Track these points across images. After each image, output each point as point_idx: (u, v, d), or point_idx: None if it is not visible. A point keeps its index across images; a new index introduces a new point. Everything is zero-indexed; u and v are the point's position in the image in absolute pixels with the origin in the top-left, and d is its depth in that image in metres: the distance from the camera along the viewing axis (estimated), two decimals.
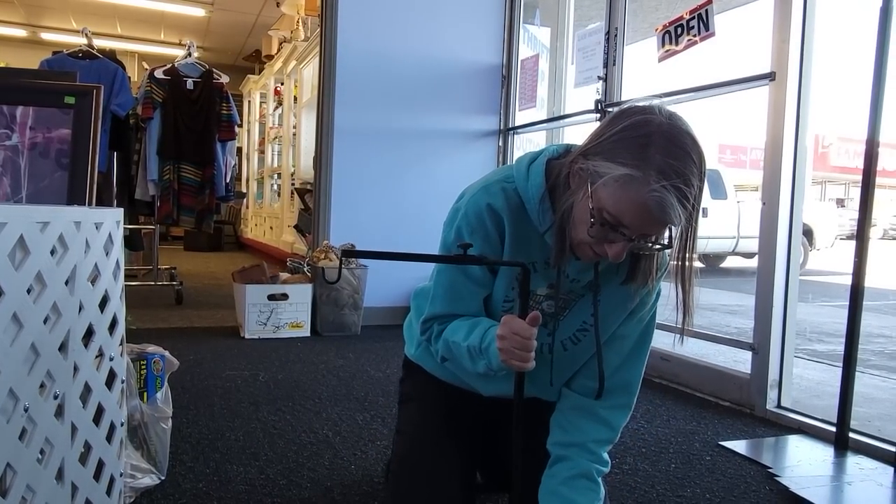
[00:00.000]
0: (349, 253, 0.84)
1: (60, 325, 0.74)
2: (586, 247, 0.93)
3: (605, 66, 2.77)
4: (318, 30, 3.55)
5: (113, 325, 0.90)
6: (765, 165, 2.08)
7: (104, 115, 3.36)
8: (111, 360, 0.90)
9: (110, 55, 3.64)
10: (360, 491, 1.42)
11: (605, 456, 1.08)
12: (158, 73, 3.65)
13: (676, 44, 2.40)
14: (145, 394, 1.40)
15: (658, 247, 0.93)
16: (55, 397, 0.75)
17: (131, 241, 4.15)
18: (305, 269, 3.26)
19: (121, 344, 0.94)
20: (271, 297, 2.98)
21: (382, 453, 1.63)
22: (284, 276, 3.17)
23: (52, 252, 0.72)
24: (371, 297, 3.24)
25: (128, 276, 4.25)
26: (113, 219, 0.87)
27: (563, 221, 0.94)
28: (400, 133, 3.42)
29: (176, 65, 3.72)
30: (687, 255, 0.91)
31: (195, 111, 3.66)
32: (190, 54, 3.76)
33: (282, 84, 6.53)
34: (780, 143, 2.02)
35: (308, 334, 3.04)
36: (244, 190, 8.17)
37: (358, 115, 3.34)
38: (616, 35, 2.75)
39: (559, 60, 3.53)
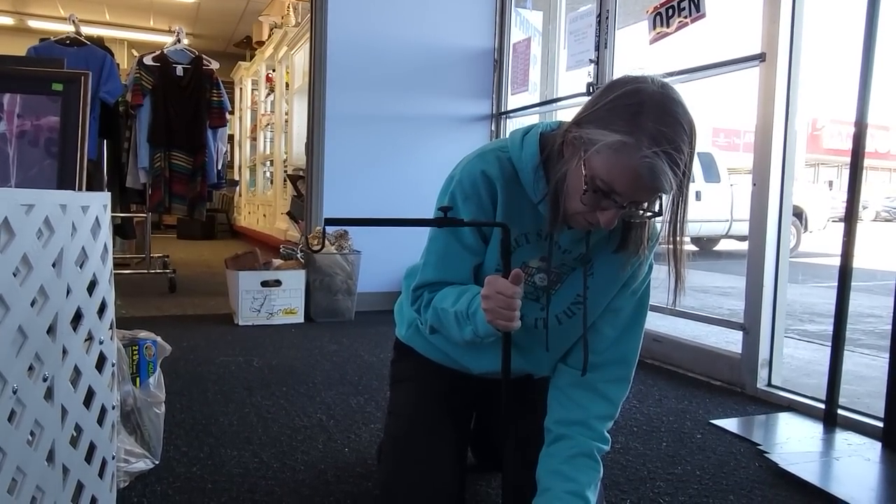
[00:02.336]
0: (332, 221, 0.85)
1: (48, 307, 0.74)
2: (579, 216, 0.94)
3: (597, 48, 2.76)
4: (309, 14, 3.52)
5: (102, 309, 0.90)
6: (755, 147, 2.09)
7: (93, 102, 3.33)
8: (101, 343, 0.90)
9: (98, 42, 3.60)
10: (353, 473, 1.43)
11: (606, 434, 1.09)
12: (147, 60, 3.62)
13: (667, 26, 2.39)
14: (138, 379, 1.41)
15: (649, 214, 0.93)
16: (44, 380, 0.75)
17: (123, 229, 4.14)
18: (298, 256, 3.26)
19: (111, 328, 0.94)
20: (265, 284, 2.98)
21: (376, 436, 1.64)
22: (277, 262, 3.17)
23: (39, 235, 0.71)
24: (364, 282, 3.24)
25: (120, 265, 4.24)
26: (100, 203, 0.87)
27: (556, 190, 0.96)
28: (392, 118, 3.40)
29: (165, 51, 3.69)
30: (678, 223, 0.92)
31: (185, 98, 3.63)
32: (179, 41, 3.73)
33: (273, 70, 6.48)
34: (770, 124, 2.03)
35: (302, 320, 3.04)
36: (237, 178, 8.14)
37: (350, 100, 3.32)
38: (607, 17, 2.73)
39: (551, 44, 3.51)
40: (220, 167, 3.78)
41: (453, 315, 1.01)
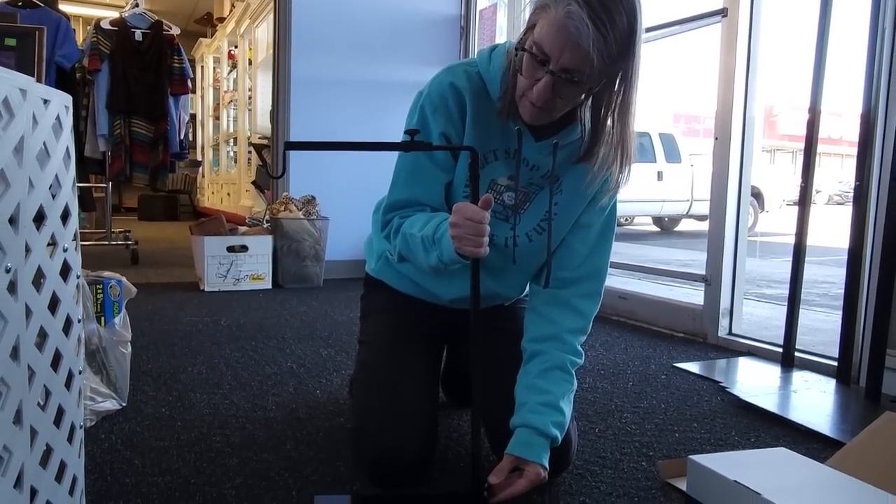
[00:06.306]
0: (293, 145, 0.83)
1: (9, 195, 0.72)
2: (525, 100, 0.97)
3: None
4: None
5: (65, 217, 0.88)
6: (718, 100, 2.13)
7: (48, 66, 3.21)
8: (65, 251, 0.87)
9: (52, 4, 3.47)
10: (325, 411, 1.43)
11: (579, 347, 1.09)
12: (105, 24, 3.50)
13: None
14: (102, 318, 1.38)
15: (587, 88, 0.94)
16: (7, 271, 0.73)
17: (83, 200, 4.01)
18: (265, 224, 3.22)
19: (74, 238, 0.92)
20: (230, 249, 2.93)
21: (347, 379, 1.64)
22: (243, 228, 3.12)
23: None
24: (333, 250, 3.22)
25: (80, 238, 4.12)
26: (61, 102, 0.84)
27: (514, 74, 0.98)
28: (359, 84, 3.37)
29: (123, 15, 3.58)
30: (622, 106, 0.96)
31: (145, 63, 3.53)
32: (137, 4, 3.62)
33: (235, 47, 6.34)
34: (731, 77, 2.07)
35: (269, 287, 3.01)
36: (199, 158, 7.96)
37: (315, 66, 3.28)
38: None
39: (517, 9, 3.51)
40: (182, 136, 3.70)
41: (420, 240, 1.01)
